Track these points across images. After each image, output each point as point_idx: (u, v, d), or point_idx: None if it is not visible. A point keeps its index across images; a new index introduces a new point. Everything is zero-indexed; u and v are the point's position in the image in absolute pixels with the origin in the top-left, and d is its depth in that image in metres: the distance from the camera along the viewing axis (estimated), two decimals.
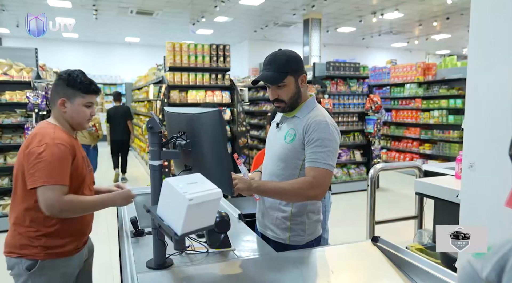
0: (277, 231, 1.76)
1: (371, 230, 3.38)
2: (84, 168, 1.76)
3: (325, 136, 1.62)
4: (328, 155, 1.61)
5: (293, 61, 1.69)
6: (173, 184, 1.18)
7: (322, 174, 1.60)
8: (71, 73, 1.73)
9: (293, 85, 1.69)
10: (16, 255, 1.66)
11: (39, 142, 1.61)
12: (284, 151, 1.70)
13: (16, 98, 4.80)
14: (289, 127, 1.73)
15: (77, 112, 1.74)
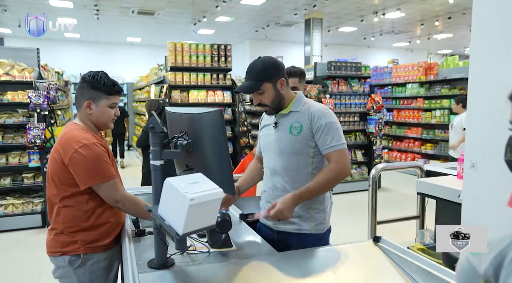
0: (301, 223, 1.81)
1: (373, 230, 3.37)
2: (114, 163, 1.84)
3: (330, 120, 1.74)
4: (339, 136, 1.75)
5: (268, 68, 1.78)
6: (174, 184, 1.18)
7: (341, 154, 1.73)
8: (95, 75, 1.77)
9: (271, 90, 1.78)
10: (59, 253, 1.73)
11: (77, 144, 1.67)
12: (294, 143, 1.78)
13: (18, 98, 4.81)
14: (291, 121, 1.80)
15: (102, 113, 1.79)
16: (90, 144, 1.68)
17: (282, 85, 1.79)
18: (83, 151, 1.65)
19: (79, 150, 1.66)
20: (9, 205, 4.74)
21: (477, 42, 1.84)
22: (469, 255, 0.78)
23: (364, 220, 3.49)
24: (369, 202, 3.39)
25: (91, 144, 1.68)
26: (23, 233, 4.64)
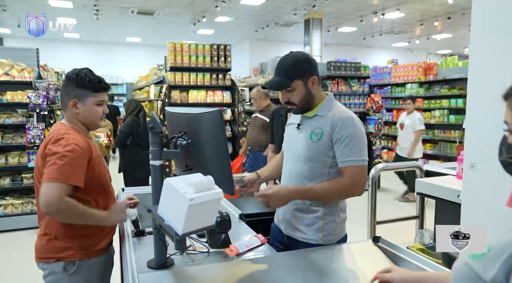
0: (309, 232, 1.72)
1: (372, 230, 3.37)
2: (102, 167, 1.75)
3: (354, 132, 1.62)
4: (360, 151, 1.62)
5: (300, 64, 1.67)
6: (174, 184, 1.18)
7: (358, 171, 1.62)
8: (79, 72, 1.69)
9: (302, 88, 1.67)
10: (54, 259, 1.64)
11: (53, 143, 1.59)
12: (312, 150, 1.68)
13: (17, 98, 4.80)
14: (314, 126, 1.70)
15: (90, 111, 1.71)
16: (67, 144, 1.57)
17: (313, 83, 1.68)
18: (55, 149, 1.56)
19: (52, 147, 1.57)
20: (9, 205, 4.73)
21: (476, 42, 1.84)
22: (469, 260, 0.76)
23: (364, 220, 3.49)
24: (368, 202, 3.39)
25: (68, 144, 1.57)
26: (23, 233, 4.64)
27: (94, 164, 1.67)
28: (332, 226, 1.71)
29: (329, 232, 1.71)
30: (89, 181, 1.63)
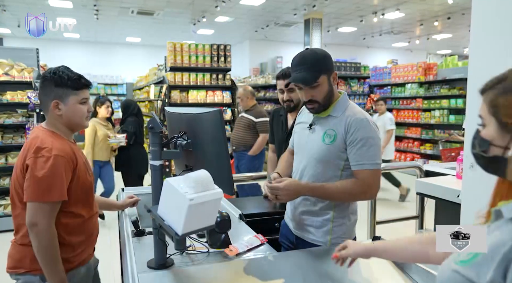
0: (318, 234, 1.71)
1: (372, 230, 3.38)
2: (87, 175, 1.67)
3: (369, 135, 1.58)
4: (375, 154, 1.58)
5: (325, 58, 1.63)
6: (173, 184, 1.18)
7: (371, 175, 1.58)
8: (56, 71, 1.58)
9: (326, 84, 1.62)
10: (25, 270, 1.55)
11: (35, 152, 1.49)
12: (324, 152, 1.64)
13: (17, 98, 4.81)
14: (326, 127, 1.66)
15: (74, 111, 1.60)
16: (50, 155, 1.48)
17: (334, 79, 1.64)
18: (37, 162, 1.47)
19: (33, 159, 1.48)
20: (8, 205, 4.73)
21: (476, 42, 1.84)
22: (457, 266, 0.75)
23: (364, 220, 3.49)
24: (368, 202, 3.40)
25: (51, 156, 1.48)
26: None
27: (80, 172, 1.59)
28: (342, 229, 1.70)
29: (338, 235, 1.69)
30: (72, 190, 1.56)
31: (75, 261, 1.63)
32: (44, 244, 1.47)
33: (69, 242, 1.59)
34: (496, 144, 0.79)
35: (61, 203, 1.54)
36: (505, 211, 0.76)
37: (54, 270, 1.50)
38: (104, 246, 4.09)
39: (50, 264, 1.50)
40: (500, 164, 0.78)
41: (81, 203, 1.63)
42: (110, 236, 4.39)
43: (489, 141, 0.80)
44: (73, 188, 1.57)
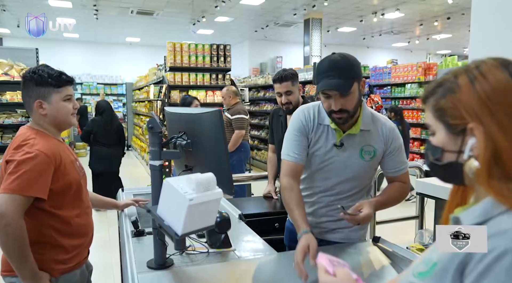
0: (350, 234, 1.72)
1: (372, 230, 3.38)
2: (75, 172, 1.61)
3: (401, 141, 1.66)
4: (404, 157, 1.68)
5: (356, 65, 1.53)
6: (173, 184, 1.18)
7: (407, 175, 1.70)
8: (35, 70, 1.54)
9: (357, 93, 1.52)
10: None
11: (16, 148, 1.47)
12: (364, 169, 1.62)
13: (17, 98, 4.81)
14: (362, 143, 1.59)
15: (58, 110, 1.56)
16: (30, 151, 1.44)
17: (363, 87, 1.57)
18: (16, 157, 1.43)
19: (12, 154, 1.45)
20: None
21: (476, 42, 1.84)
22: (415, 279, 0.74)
23: None
24: None
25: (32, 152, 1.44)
26: None
27: (66, 170, 1.54)
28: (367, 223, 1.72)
29: (365, 230, 1.81)
30: (57, 190, 1.52)
31: (70, 263, 1.60)
32: (11, 237, 1.40)
33: (61, 243, 1.56)
34: (449, 150, 0.75)
35: (48, 204, 1.50)
36: (463, 218, 0.72)
37: (23, 264, 1.44)
38: (104, 246, 4.09)
39: (19, 258, 1.43)
40: (456, 170, 0.74)
41: (70, 204, 1.59)
42: (109, 236, 4.39)
43: (441, 148, 0.76)
44: (59, 189, 1.52)
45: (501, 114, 0.67)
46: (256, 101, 9.63)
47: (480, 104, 0.69)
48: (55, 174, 1.51)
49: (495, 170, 0.68)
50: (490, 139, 0.68)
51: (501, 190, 0.67)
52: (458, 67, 0.77)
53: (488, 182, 0.68)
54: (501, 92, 0.68)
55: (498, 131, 0.67)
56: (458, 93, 0.72)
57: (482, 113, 0.69)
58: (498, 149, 0.67)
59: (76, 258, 1.63)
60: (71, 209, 1.60)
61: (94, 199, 1.94)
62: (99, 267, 1.96)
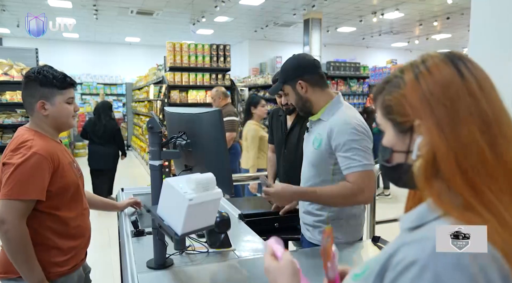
0: (314, 233, 1.73)
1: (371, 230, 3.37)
2: (72, 174, 1.61)
3: (350, 138, 1.56)
4: (360, 155, 1.55)
5: (286, 69, 1.70)
6: (173, 184, 1.18)
7: (361, 177, 1.55)
8: (40, 70, 1.55)
9: (292, 93, 1.68)
10: (17, 275, 1.50)
11: (13, 150, 1.46)
12: (314, 156, 1.67)
13: (16, 98, 4.81)
14: (316, 131, 1.70)
15: (60, 111, 1.57)
16: (28, 152, 1.44)
17: (302, 88, 1.66)
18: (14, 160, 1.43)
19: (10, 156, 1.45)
20: None
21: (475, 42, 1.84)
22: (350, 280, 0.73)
23: None
24: None
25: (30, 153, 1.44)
26: None
27: (63, 172, 1.55)
28: (339, 230, 1.68)
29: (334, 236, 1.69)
30: (57, 192, 1.52)
31: (67, 266, 1.59)
32: (13, 243, 1.42)
33: (59, 245, 1.56)
34: (398, 150, 0.71)
35: (46, 205, 1.50)
36: (402, 222, 0.69)
37: (29, 269, 1.45)
38: (104, 246, 4.08)
39: (24, 263, 1.44)
40: (405, 172, 0.69)
41: (68, 205, 1.59)
42: (109, 236, 4.39)
43: (391, 148, 0.72)
44: (57, 190, 1.53)
45: (440, 111, 0.63)
46: None
47: (422, 100, 0.65)
48: (54, 176, 1.51)
49: (435, 170, 0.63)
50: (429, 136, 0.64)
51: (439, 192, 0.63)
52: (406, 62, 0.72)
53: (427, 183, 0.64)
54: (444, 87, 0.64)
55: (435, 128, 0.63)
56: (404, 89, 0.69)
57: (424, 109, 0.65)
58: (434, 148, 0.63)
59: (73, 260, 1.62)
60: (69, 211, 1.60)
61: (93, 200, 1.93)
62: (99, 267, 1.96)
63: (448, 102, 0.63)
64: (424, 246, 0.58)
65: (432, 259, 0.57)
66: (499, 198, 0.60)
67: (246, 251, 1.62)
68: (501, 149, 0.62)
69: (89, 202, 1.81)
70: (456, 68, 0.66)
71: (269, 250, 0.85)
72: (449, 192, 0.62)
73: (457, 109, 0.63)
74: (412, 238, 0.62)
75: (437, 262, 0.56)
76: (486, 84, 0.67)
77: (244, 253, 1.60)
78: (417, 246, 0.60)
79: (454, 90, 0.64)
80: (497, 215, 0.59)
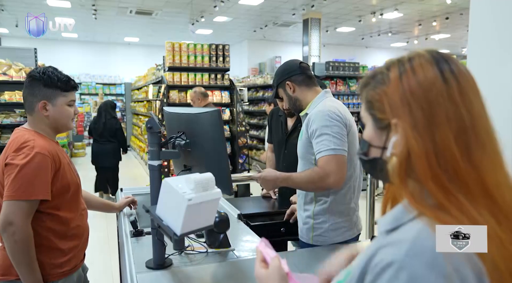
0: (303, 230, 1.78)
1: (371, 229, 3.38)
2: (72, 174, 1.63)
3: (322, 124, 1.63)
4: (329, 141, 1.60)
5: (277, 74, 1.85)
6: (172, 184, 1.18)
7: (327, 161, 1.59)
8: (45, 71, 1.56)
9: (284, 95, 1.84)
10: (15, 277, 1.49)
11: (15, 151, 1.46)
12: (299, 148, 1.80)
13: (15, 98, 4.81)
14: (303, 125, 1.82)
15: (61, 113, 1.58)
16: (31, 152, 1.45)
17: (290, 88, 1.80)
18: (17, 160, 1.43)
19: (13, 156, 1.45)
20: None
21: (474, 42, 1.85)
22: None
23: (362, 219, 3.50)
24: (367, 201, 3.40)
25: (32, 153, 1.45)
26: None
27: (64, 172, 1.56)
28: (323, 227, 1.71)
29: (320, 233, 1.72)
30: (58, 192, 1.53)
31: (66, 267, 1.59)
32: (19, 245, 1.42)
33: (59, 246, 1.56)
34: (374, 145, 0.73)
35: (47, 205, 1.50)
36: (379, 224, 0.69)
37: (30, 271, 1.45)
38: (103, 246, 4.08)
39: (26, 265, 1.44)
40: (380, 167, 0.71)
41: (67, 205, 1.59)
42: (108, 236, 4.39)
43: (368, 142, 0.74)
44: (58, 190, 1.53)
45: (418, 113, 0.63)
46: (255, 101, 9.63)
47: (402, 99, 0.65)
48: (55, 176, 1.52)
49: (409, 170, 0.64)
50: (404, 137, 0.64)
51: (413, 192, 0.64)
52: (394, 58, 0.72)
53: (401, 182, 0.65)
54: (425, 90, 0.64)
55: (411, 130, 0.63)
56: (386, 86, 0.69)
57: (402, 109, 0.65)
58: (408, 148, 0.63)
59: (73, 261, 1.62)
60: (69, 211, 1.60)
61: (91, 201, 1.93)
62: (98, 267, 1.96)
63: (426, 105, 0.63)
64: (400, 247, 0.59)
65: (408, 260, 0.57)
66: (472, 203, 0.60)
67: (245, 251, 1.62)
68: (475, 156, 0.62)
69: (87, 202, 1.81)
70: (440, 71, 0.65)
71: (259, 256, 0.84)
72: (423, 192, 0.63)
73: (435, 112, 0.63)
74: (389, 241, 0.62)
75: (413, 262, 0.57)
76: (468, 89, 0.65)
77: (243, 253, 1.60)
78: (393, 248, 0.60)
79: (434, 93, 0.64)
80: (469, 217, 0.60)
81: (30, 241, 1.45)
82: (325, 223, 1.72)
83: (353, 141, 1.71)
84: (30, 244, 1.45)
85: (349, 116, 1.72)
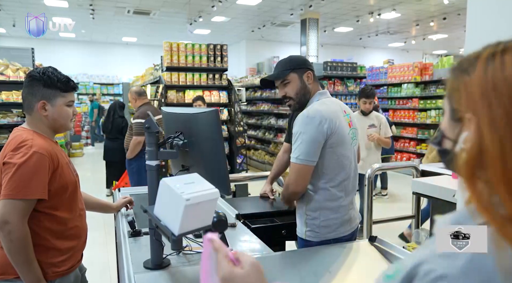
0: (299, 225, 1.81)
1: (369, 229, 3.38)
2: (70, 174, 1.63)
3: (299, 129, 1.64)
4: (298, 148, 1.63)
5: (295, 59, 1.78)
6: (170, 184, 1.18)
7: (293, 169, 1.66)
8: (45, 71, 1.57)
9: (297, 81, 1.74)
10: (14, 276, 1.49)
11: (14, 150, 1.46)
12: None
13: (12, 98, 4.80)
14: None
15: (60, 113, 1.59)
16: (29, 151, 1.45)
17: (308, 78, 1.75)
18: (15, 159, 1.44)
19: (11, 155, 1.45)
20: None
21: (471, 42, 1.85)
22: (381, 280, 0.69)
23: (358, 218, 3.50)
24: (365, 201, 3.40)
25: (31, 152, 1.45)
26: None
27: (62, 171, 1.56)
28: (315, 223, 1.75)
29: (312, 229, 1.76)
30: (56, 192, 1.53)
31: (64, 266, 1.59)
32: (16, 244, 1.42)
33: (56, 246, 1.56)
34: (447, 136, 0.68)
35: (45, 205, 1.50)
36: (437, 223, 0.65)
37: (29, 269, 1.46)
38: (100, 246, 4.07)
39: (24, 263, 1.45)
40: (450, 160, 0.66)
41: (65, 205, 1.59)
42: (106, 237, 4.38)
43: (442, 132, 0.69)
44: (56, 190, 1.53)
45: (499, 110, 0.56)
46: (253, 101, 9.63)
47: (483, 93, 0.58)
48: (53, 175, 1.52)
49: (480, 170, 0.58)
50: (479, 134, 0.58)
51: (481, 194, 0.57)
52: (486, 45, 0.66)
53: (469, 181, 0.59)
54: (510, 85, 0.57)
55: (488, 126, 0.57)
56: (470, 77, 0.62)
57: (481, 104, 0.58)
58: (483, 147, 0.57)
59: (70, 261, 1.62)
60: (67, 211, 1.60)
61: (89, 201, 1.93)
62: (95, 267, 1.96)
63: (510, 104, 0.56)
64: (455, 261, 0.54)
65: (461, 277, 0.53)
66: None
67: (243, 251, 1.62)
68: None
69: (85, 203, 1.81)
70: None
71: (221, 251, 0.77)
72: (493, 197, 0.56)
73: None
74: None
75: (467, 281, 0.52)
76: None
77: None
78: (447, 260, 0.56)
79: None
80: None
81: (27, 240, 1.45)
82: (316, 219, 1.75)
83: (341, 143, 1.68)
84: (27, 243, 1.45)
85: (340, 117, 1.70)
